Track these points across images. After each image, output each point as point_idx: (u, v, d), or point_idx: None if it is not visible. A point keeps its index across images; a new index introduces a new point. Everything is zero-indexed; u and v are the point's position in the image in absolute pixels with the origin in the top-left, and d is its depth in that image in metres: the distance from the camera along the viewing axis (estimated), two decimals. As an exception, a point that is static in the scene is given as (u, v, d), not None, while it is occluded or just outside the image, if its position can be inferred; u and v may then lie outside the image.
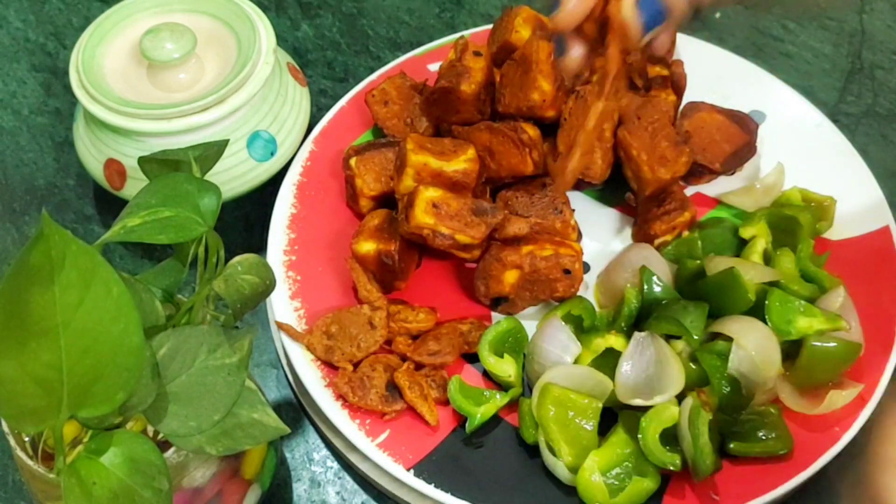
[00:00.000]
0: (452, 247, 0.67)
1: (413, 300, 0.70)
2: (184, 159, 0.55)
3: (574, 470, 0.61)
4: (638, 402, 0.62)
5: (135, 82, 0.75)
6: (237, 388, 0.51)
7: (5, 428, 0.52)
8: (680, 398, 0.62)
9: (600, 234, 0.75)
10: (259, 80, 0.73)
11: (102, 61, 0.75)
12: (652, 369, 0.63)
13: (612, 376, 0.63)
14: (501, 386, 0.66)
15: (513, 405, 0.65)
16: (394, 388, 0.65)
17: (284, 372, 0.71)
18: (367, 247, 0.69)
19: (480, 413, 0.64)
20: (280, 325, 0.67)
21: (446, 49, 0.81)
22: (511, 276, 0.67)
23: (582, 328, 0.67)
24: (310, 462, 0.68)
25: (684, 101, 0.77)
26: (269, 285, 0.55)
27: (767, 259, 0.69)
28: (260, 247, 0.73)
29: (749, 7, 0.56)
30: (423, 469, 0.62)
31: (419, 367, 0.66)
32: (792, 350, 0.64)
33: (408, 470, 0.62)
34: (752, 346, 0.62)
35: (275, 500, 0.66)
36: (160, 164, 0.56)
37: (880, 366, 0.64)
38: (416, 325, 0.67)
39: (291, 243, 0.72)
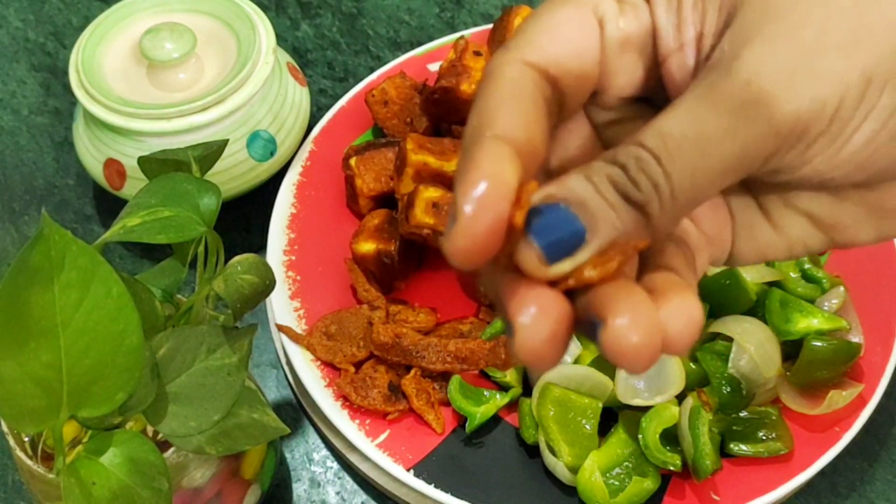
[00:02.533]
0: (452, 247, 0.67)
1: (413, 300, 0.70)
2: (184, 159, 0.55)
3: (574, 470, 0.61)
4: (638, 402, 0.62)
5: (134, 82, 0.75)
6: (237, 388, 0.51)
7: (5, 428, 0.52)
8: (680, 398, 0.62)
9: (600, 234, 0.74)
10: (259, 79, 0.73)
11: (102, 61, 0.75)
12: (652, 369, 0.63)
13: (612, 376, 0.63)
14: (501, 386, 0.66)
15: (513, 405, 0.65)
16: (396, 388, 0.65)
17: (284, 372, 0.71)
18: (367, 247, 0.69)
19: (480, 413, 0.64)
20: (280, 328, 0.67)
21: (446, 49, 0.81)
22: (511, 276, 0.67)
23: (582, 328, 0.67)
24: (310, 462, 0.68)
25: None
26: (269, 285, 0.55)
27: (767, 259, 0.69)
28: (260, 247, 0.73)
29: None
30: (423, 469, 0.62)
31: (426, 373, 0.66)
32: (792, 350, 0.64)
33: (408, 470, 0.62)
34: (752, 346, 0.62)
35: (274, 500, 0.66)
36: (160, 164, 0.55)
37: (880, 366, 0.64)
38: (417, 326, 0.67)
39: (291, 243, 0.72)
